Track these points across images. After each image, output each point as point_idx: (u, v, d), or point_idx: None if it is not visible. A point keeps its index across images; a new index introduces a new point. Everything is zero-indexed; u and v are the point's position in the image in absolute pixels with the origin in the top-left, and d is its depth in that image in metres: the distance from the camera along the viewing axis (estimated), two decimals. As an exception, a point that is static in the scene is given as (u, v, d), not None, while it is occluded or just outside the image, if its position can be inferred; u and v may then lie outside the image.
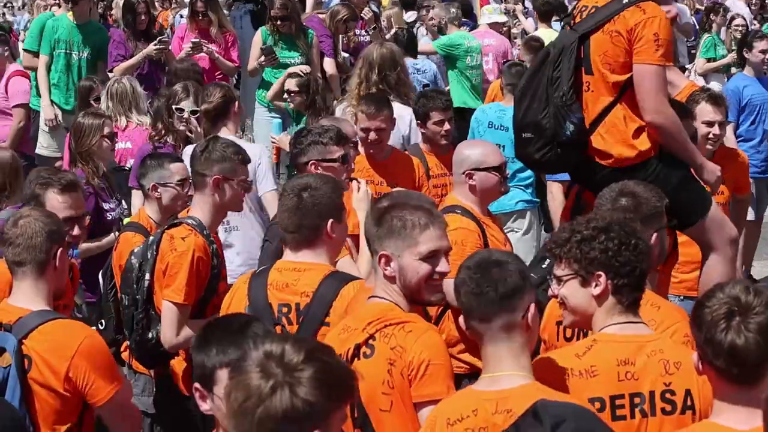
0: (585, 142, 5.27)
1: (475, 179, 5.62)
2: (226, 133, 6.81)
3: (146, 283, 5.33)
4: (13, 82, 10.22)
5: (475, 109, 9.59)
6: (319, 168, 5.51)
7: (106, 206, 6.95)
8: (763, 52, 9.91)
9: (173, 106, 7.50)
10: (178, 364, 5.39)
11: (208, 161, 5.30)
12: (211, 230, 5.37)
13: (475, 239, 5.45)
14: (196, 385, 3.21)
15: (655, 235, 4.39)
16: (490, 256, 3.62)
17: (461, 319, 3.60)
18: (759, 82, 9.83)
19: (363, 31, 11.36)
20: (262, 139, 9.32)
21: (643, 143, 5.23)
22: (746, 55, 10.07)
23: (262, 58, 9.76)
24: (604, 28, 5.20)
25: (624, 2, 5.18)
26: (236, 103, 7.12)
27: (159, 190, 6.10)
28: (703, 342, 3.15)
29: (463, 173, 5.64)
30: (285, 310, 4.55)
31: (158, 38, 10.09)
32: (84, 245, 6.47)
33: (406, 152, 7.32)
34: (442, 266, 3.90)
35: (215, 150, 5.32)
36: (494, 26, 12.59)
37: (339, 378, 2.59)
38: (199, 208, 5.35)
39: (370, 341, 3.83)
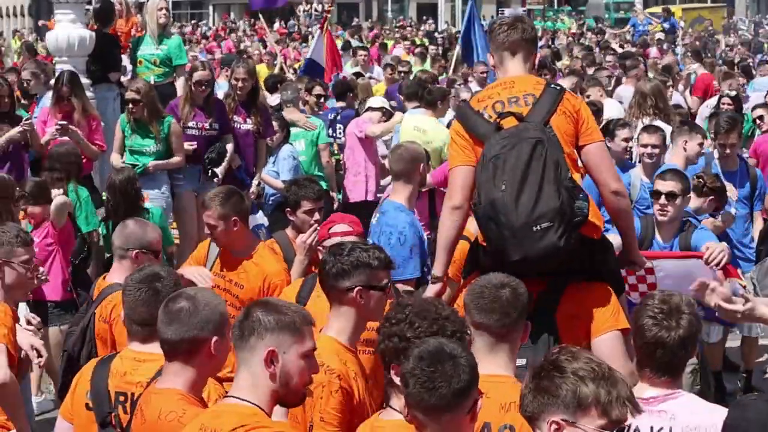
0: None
1: None
2: None
3: None
4: None
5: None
6: (364, 297, 4.68)
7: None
8: (626, 140, 9.86)
9: None
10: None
11: None
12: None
13: None
14: None
15: None
16: (443, 347, 3.55)
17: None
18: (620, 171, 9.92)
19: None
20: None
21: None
22: (608, 144, 9.62)
23: None
24: (557, 110, 5.27)
25: (559, 89, 5.34)
26: None
27: None
28: None
29: None
30: (122, 398, 4.67)
31: (22, 122, 10.27)
32: None
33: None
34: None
35: None
36: None
37: None
38: None
39: None
